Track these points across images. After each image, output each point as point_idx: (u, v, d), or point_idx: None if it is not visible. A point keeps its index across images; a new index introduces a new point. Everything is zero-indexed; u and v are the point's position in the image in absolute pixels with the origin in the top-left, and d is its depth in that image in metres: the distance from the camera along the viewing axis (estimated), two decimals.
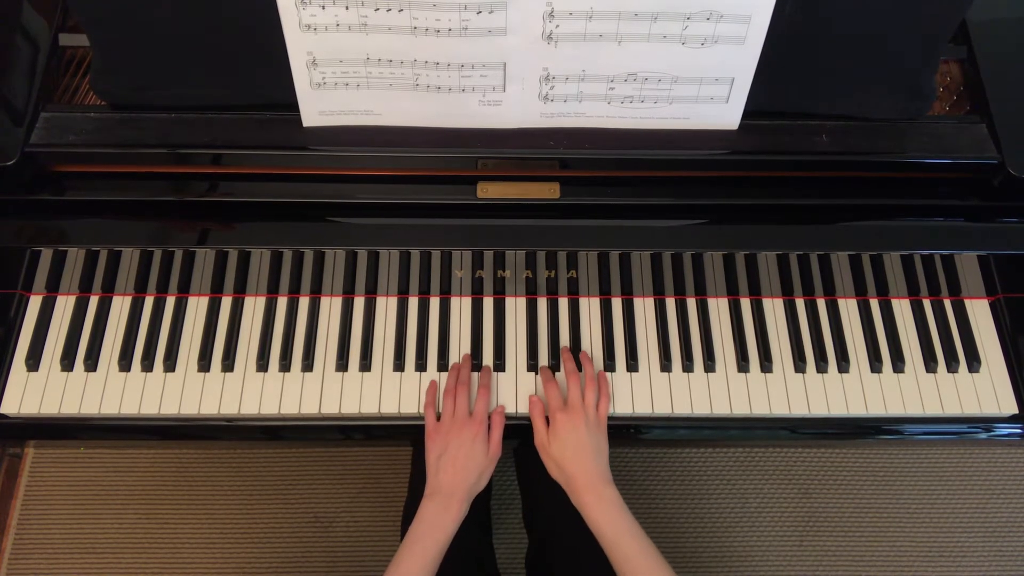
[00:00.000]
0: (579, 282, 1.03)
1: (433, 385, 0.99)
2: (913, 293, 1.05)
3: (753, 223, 0.98)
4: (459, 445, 0.92)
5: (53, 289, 1.01)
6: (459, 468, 0.91)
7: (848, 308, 1.04)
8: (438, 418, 0.96)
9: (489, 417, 0.95)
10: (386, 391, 0.99)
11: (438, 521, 0.89)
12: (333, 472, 1.62)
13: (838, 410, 0.99)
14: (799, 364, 1.01)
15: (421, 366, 1.00)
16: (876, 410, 0.99)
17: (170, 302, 1.02)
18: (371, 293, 1.03)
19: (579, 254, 1.01)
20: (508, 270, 1.02)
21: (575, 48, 0.84)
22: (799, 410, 0.99)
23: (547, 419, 0.95)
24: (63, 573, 1.54)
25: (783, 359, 1.01)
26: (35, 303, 1.01)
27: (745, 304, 1.04)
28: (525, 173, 0.96)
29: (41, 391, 0.97)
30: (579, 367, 0.98)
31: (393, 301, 1.03)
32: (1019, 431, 1.00)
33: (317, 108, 0.90)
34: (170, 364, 0.99)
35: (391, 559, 1.07)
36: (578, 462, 0.90)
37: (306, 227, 0.96)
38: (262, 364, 0.99)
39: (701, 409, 0.99)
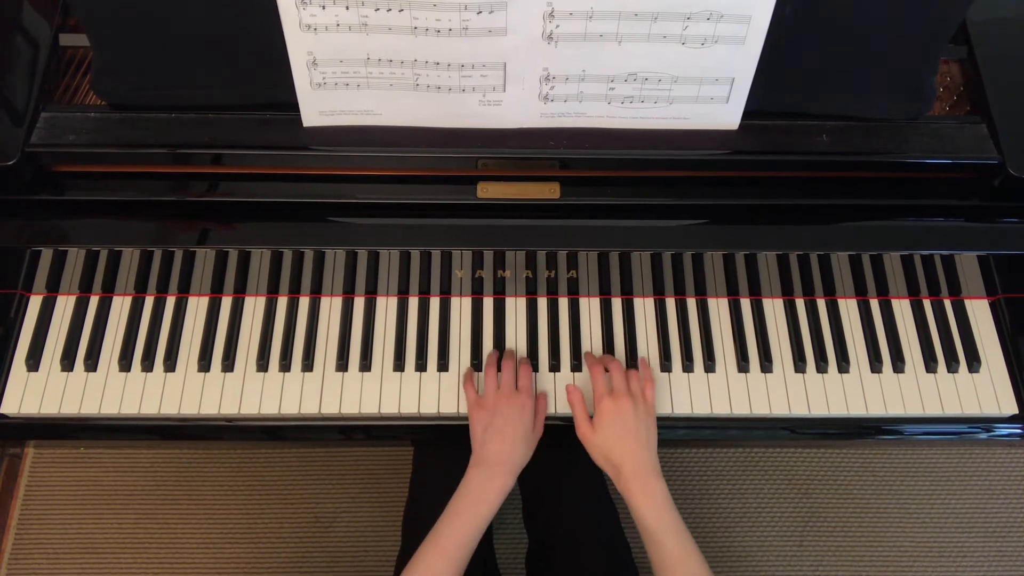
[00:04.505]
0: (579, 282, 1.03)
1: (470, 369, 0.99)
2: (913, 293, 1.05)
3: (753, 223, 0.98)
4: (507, 416, 0.91)
5: (53, 289, 1.01)
6: (507, 438, 0.90)
7: (848, 308, 1.04)
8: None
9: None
10: (386, 391, 0.99)
11: (483, 492, 0.88)
12: (333, 472, 1.62)
13: (838, 410, 0.99)
14: (799, 364, 1.01)
15: (421, 366, 1.00)
16: (876, 410, 0.99)
17: (170, 302, 1.02)
18: (371, 293, 1.03)
19: (579, 254, 1.01)
20: (508, 270, 1.02)
21: (575, 48, 0.84)
22: (799, 410, 0.99)
23: (587, 415, 0.94)
24: (63, 573, 1.54)
25: (783, 359, 1.01)
26: (35, 303, 1.01)
27: (745, 304, 1.04)
28: (525, 173, 0.96)
29: (41, 391, 0.97)
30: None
31: (393, 301, 1.03)
32: (1019, 431, 1.00)
33: (317, 108, 0.90)
34: (170, 364, 0.99)
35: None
36: (626, 450, 0.88)
37: (306, 227, 0.96)
38: (262, 364, 0.99)
39: (701, 409, 0.99)
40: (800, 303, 1.04)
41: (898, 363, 1.01)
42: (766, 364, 1.00)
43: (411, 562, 0.86)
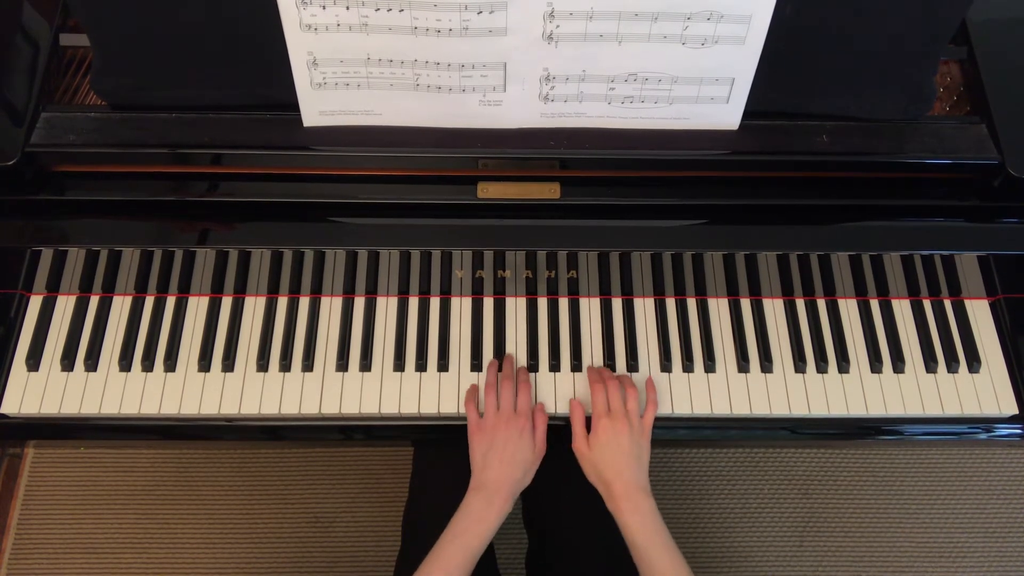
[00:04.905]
0: (579, 282, 1.03)
1: (473, 387, 0.99)
2: (913, 293, 1.05)
3: (753, 223, 0.98)
4: (506, 440, 0.92)
5: (53, 289, 1.01)
6: (506, 463, 0.91)
7: (848, 308, 1.04)
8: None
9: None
10: (386, 391, 0.99)
11: (482, 515, 0.89)
12: (333, 472, 1.62)
13: (838, 410, 0.99)
14: (799, 364, 1.01)
15: (421, 366, 1.00)
16: (876, 410, 0.99)
17: (170, 302, 1.02)
18: (371, 293, 1.03)
19: (579, 254, 1.01)
20: (508, 270, 1.02)
21: (575, 48, 0.84)
22: (799, 410, 0.99)
23: (586, 431, 0.95)
24: (63, 573, 1.54)
25: (783, 359, 1.01)
26: (35, 303, 1.01)
27: (745, 304, 1.04)
28: (525, 173, 0.96)
29: (41, 391, 0.97)
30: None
31: (393, 301, 1.03)
32: (1019, 431, 1.00)
33: (317, 108, 0.90)
34: (170, 364, 0.99)
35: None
36: (617, 470, 0.90)
37: (306, 227, 0.96)
38: (262, 364, 0.99)
39: (701, 409, 0.99)
40: (800, 303, 1.04)
41: (898, 363, 1.01)
42: (766, 364, 1.00)
43: None
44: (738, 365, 1.01)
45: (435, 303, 1.03)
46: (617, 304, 1.04)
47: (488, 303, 1.04)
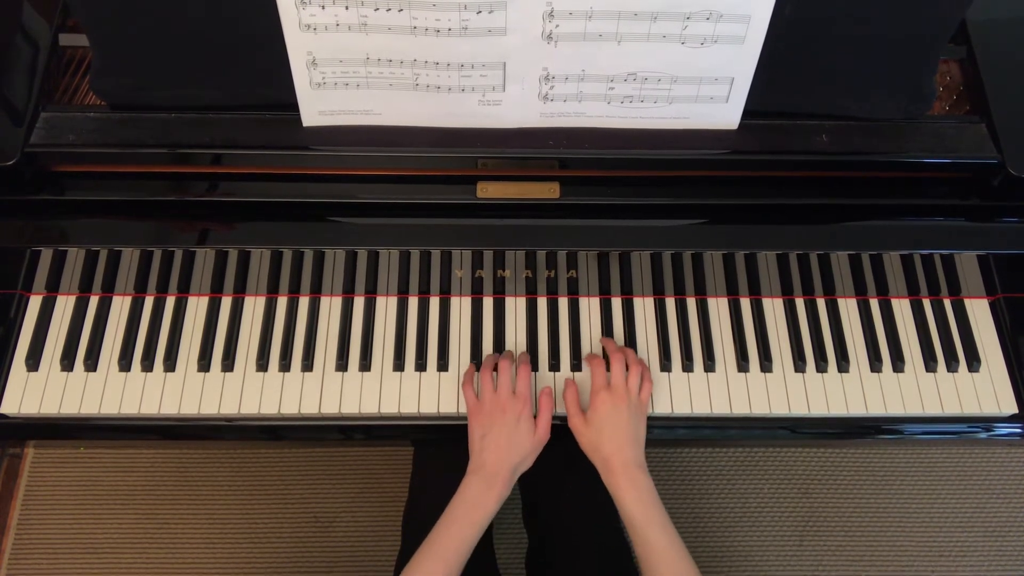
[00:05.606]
0: (579, 282, 1.03)
1: (471, 368, 0.98)
2: (913, 293, 1.05)
3: (753, 223, 0.98)
4: (503, 424, 0.91)
5: (53, 289, 1.01)
6: (503, 448, 0.90)
7: (848, 308, 1.04)
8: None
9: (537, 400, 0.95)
10: (386, 391, 0.99)
11: (480, 500, 0.88)
12: (333, 472, 1.62)
13: (838, 410, 0.99)
14: (799, 364, 1.01)
15: (421, 366, 1.00)
16: (876, 410, 0.99)
17: (170, 302, 1.02)
18: (371, 293, 1.03)
19: (579, 254, 1.01)
20: (508, 270, 1.02)
21: (575, 48, 0.84)
22: (799, 410, 0.99)
23: (581, 409, 0.95)
24: (63, 573, 1.54)
25: (783, 359, 1.01)
26: (35, 303, 1.01)
27: (745, 304, 1.04)
28: (525, 173, 0.96)
29: (41, 391, 0.97)
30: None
31: (393, 301, 1.03)
32: (1019, 431, 1.00)
33: (317, 108, 0.90)
34: (170, 364, 0.99)
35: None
36: (615, 444, 0.90)
37: (306, 227, 0.96)
38: (262, 364, 0.99)
39: (701, 409, 0.99)
40: (800, 303, 1.04)
41: (898, 363, 1.01)
42: (766, 364, 1.00)
43: (408, 567, 0.86)
44: (738, 365, 1.01)
45: (435, 303, 1.03)
46: (617, 304, 1.04)
47: (488, 303, 1.04)
